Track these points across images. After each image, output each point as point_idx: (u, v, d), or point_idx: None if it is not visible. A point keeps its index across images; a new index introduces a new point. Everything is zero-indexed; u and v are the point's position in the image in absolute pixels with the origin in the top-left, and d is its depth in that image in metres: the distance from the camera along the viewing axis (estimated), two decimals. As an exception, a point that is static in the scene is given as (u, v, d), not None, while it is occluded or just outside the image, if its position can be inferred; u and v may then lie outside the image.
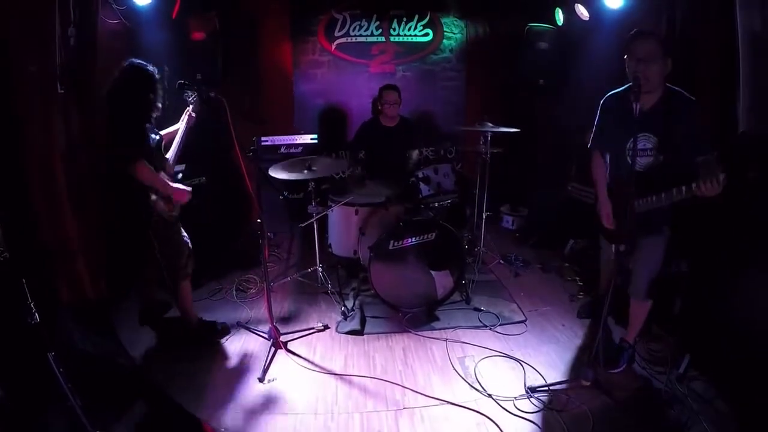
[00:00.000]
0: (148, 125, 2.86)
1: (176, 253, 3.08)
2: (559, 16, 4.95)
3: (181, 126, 3.16)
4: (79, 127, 3.33)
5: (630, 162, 2.53)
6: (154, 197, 2.88)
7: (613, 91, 2.80)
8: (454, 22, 5.72)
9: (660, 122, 2.51)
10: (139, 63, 2.85)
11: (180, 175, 3.30)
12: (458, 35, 5.76)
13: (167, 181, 2.90)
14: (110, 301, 3.58)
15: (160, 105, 2.90)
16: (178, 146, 3.12)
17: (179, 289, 3.16)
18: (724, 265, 2.92)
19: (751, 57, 2.84)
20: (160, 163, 2.93)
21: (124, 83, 2.79)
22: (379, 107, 4.56)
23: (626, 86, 2.66)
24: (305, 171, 3.66)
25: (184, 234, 3.17)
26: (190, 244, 3.19)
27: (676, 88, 2.55)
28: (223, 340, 3.34)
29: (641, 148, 2.60)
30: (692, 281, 3.19)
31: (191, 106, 3.18)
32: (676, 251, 3.17)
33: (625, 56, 2.56)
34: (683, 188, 2.35)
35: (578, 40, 4.73)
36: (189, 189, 3.02)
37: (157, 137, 2.96)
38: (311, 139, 5.21)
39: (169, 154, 3.07)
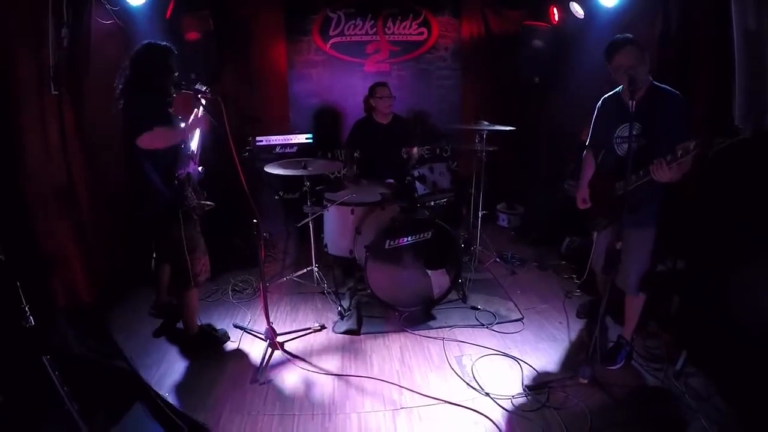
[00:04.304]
0: (171, 111, 2.83)
1: (196, 258, 3.00)
2: (555, 14, 4.96)
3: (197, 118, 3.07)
4: (73, 127, 3.31)
5: (616, 150, 2.80)
6: (188, 190, 2.85)
7: (607, 95, 2.94)
8: (449, 21, 5.70)
9: (644, 112, 2.60)
10: (155, 41, 2.81)
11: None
12: (453, 34, 5.74)
13: (174, 127, 2.83)
14: (107, 303, 3.57)
15: (173, 89, 2.85)
16: (200, 139, 3.06)
17: (187, 297, 3.09)
18: (721, 263, 2.93)
19: (745, 55, 2.84)
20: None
21: (144, 59, 2.74)
22: (373, 104, 4.54)
23: (618, 88, 2.84)
24: (301, 169, 3.65)
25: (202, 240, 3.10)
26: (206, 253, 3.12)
27: (661, 85, 2.66)
28: (219, 342, 3.32)
29: (626, 136, 2.69)
30: (689, 279, 3.20)
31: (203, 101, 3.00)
32: (672, 249, 3.19)
33: (608, 64, 2.69)
34: (640, 172, 2.52)
35: (573, 39, 4.73)
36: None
37: (183, 125, 2.91)
38: (306, 138, 5.18)
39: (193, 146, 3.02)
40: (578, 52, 4.56)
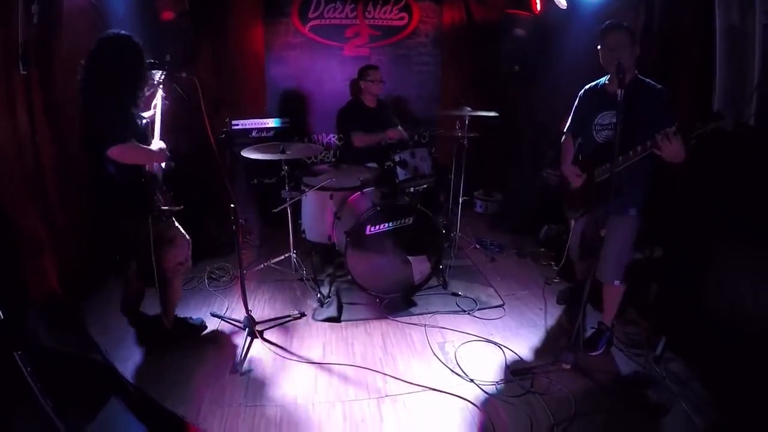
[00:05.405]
0: (134, 109, 2.60)
1: (175, 248, 2.86)
2: (537, 4, 4.95)
3: (156, 111, 2.88)
4: (42, 109, 3.15)
5: (595, 137, 2.82)
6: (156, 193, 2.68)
7: (589, 85, 2.95)
8: (431, 7, 5.63)
9: (628, 102, 2.54)
10: (124, 33, 2.53)
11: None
12: (434, 20, 5.68)
13: (149, 148, 2.62)
14: (80, 295, 3.43)
15: (144, 89, 2.63)
16: (159, 134, 2.84)
17: (172, 285, 2.94)
18: (697, 250, 2.98)
19: (728, 49, 2.87)
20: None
21: (109, 55, 2.48)
22: (363, 87, 4.47)
23: (603, 78, 2.85)
24: (279, 153, 3.55)
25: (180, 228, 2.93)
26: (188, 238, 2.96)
27: (645, 79, 2.67)
28: (197, 331, 3.22)
29: (605, 123, 2.75)
30: (667, 266, 3.25)
31: (161, 90, 2.87)
32: (650, 237, 3.23)
33: (599, 47, 2.70)
34: (638, 147, 2.45)
35: (555, 29, 4.71)
36: (163, 147, 2.72)
37: (145, 121, 2.73)
38: (283, 122, 5.09)
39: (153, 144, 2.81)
40: (559, 43, 4.55)
